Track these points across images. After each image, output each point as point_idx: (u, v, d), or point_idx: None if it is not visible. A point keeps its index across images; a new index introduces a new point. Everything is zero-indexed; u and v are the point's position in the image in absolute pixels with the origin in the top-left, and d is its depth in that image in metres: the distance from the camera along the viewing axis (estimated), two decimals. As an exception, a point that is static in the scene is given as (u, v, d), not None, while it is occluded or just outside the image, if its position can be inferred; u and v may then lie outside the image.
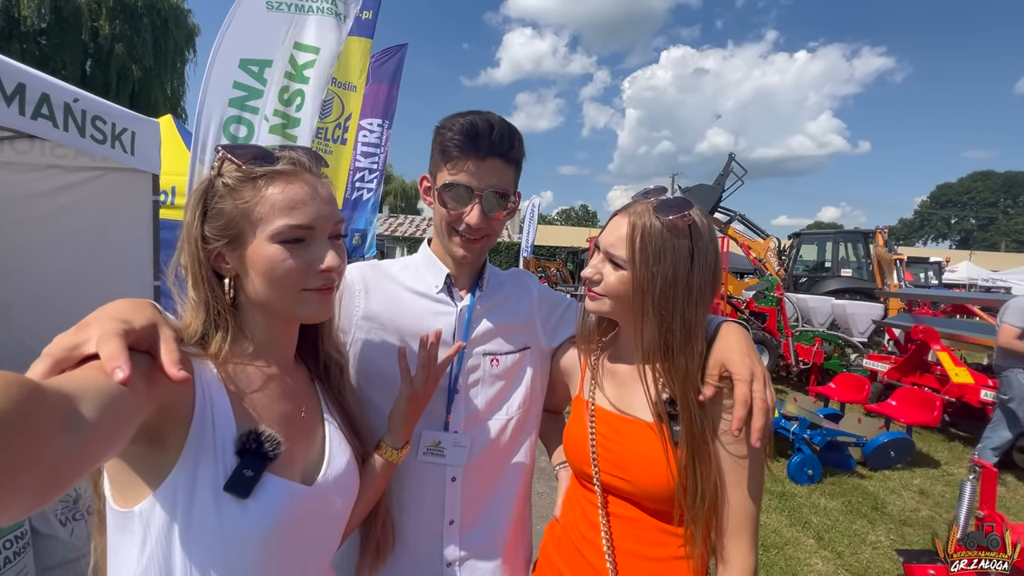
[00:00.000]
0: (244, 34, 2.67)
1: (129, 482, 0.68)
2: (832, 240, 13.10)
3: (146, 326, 0.65)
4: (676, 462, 0.94)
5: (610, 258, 1.01)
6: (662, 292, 0.96)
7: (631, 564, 1.00)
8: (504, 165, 1.05)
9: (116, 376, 0.55)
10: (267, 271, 0.76)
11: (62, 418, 0.47)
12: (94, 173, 2.79)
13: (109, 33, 17.48)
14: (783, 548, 3.47)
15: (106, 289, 2.67)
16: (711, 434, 0.96)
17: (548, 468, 1.32)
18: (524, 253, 14.81)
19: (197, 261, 0.78)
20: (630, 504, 1.01)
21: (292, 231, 0.76)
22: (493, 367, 1.14)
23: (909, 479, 4.71)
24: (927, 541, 3.60)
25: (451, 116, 1.04)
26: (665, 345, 0.97)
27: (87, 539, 1.98)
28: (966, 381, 5.49)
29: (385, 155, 6.04)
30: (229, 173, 0.78)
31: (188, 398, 0.70)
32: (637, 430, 1.00)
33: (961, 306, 8.13)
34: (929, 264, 17.55)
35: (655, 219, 0.97)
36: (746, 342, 0.99)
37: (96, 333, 0.59)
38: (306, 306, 0.80)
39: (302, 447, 0.82)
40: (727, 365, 0.94)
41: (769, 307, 8.41)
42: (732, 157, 12.68)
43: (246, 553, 0.70)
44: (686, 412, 0.95)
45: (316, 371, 0.95)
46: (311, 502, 0.78)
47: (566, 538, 1.10)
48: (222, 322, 0.78)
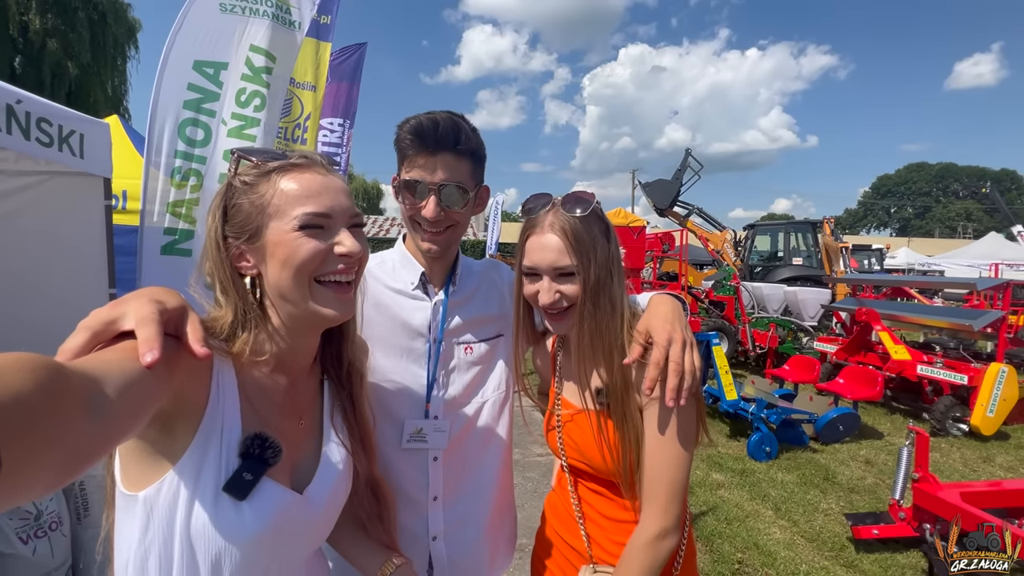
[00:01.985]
0: (197, 35, 2.61)
1: (137, 465, 0.70)
2: (784, 231, 13.73)
3: (177, 308, 0.66)
4: (612, 443, 1.05)
5: (559, 273, 1.04)
6: (601, 280, 1.03)
7: (603, 530, 1.12)
8: (455, 158, 1.09)
9: (145, 359, 0.56)
10: (286, 256, 0.75)
11: (85, 401, 0.48)
12: (39, 177, 2.66)
13: (40, 28, 16.34)
14: (744, 520, 3.69)
15: (58, 298, 2.56)
16: (639, 407, 1.04)
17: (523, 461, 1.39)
18: (489, 251, 14.86)
19: (221, 265, 0.78)
20: (594, 482, 1.13)
21: (311, 218, 0.76)
22: (467, 355, 1.21)
23: (856, 451, 5.06)
24: (872, 505, 3.89)
25: (405, 119, 1.10)
26: (597, 327, 1.04)
27: (51, 556, 1.93)
28: (904, 358, 5.93)
29: (347, 155, 5.95)
30: (245, 171, 0.80)
31: (203, 390, 0.72)
32: (583, 417, 1.11)
33: (900, 289, 8.73)
34: (872, 251, 18.63)
35: (572, 218, 1.03)
36: (672, 310, 1.03)
37: (133, 311, 0.60)
38: (321, 302, 0.78)
39: (296, 454, 0.85)
40: (650, 332, 1.00)
41: (727, 296, 8.79)
42: (689, 152, 13.12)
43: (233, 552, 0.72)
44: (613, 391, 1.04)
45: (337, 378, 0.94)
46: (300, 509, 0.80)
47: (560, 505, 1.21)
48: (249, 323, 0.78)
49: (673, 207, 12.68)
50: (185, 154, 2.57)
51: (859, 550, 3.29)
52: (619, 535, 1.08)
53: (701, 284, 11.04)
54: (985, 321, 5.81)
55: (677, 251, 9.84)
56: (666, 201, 12.59)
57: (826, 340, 7.48)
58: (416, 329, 1.18)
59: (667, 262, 11.32)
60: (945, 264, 20.91)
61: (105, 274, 2.74)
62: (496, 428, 1.25)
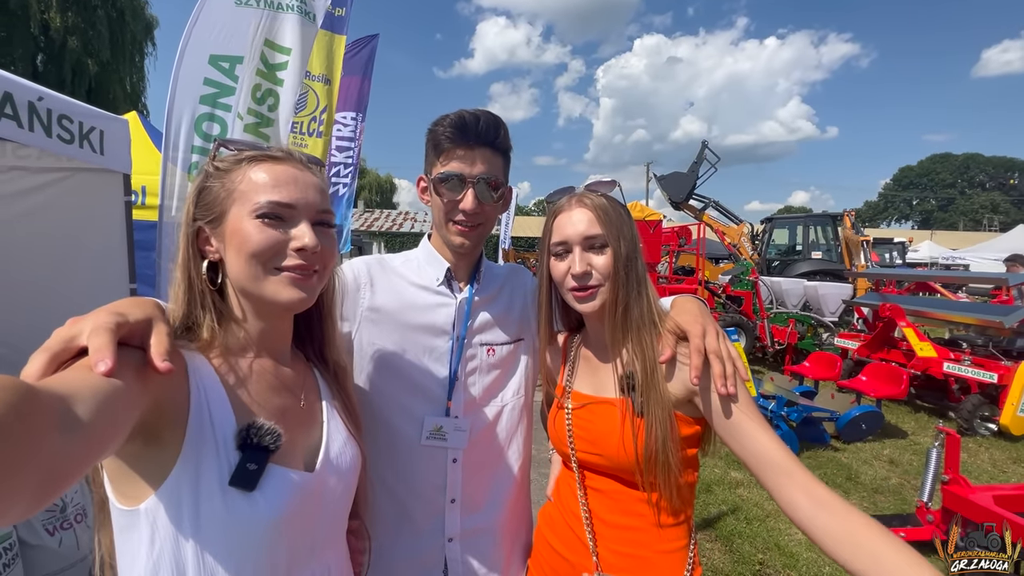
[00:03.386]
0: (213, 29, 2.60)
1: (129, 481, 0.68)
2: (802, 224, 13.47)
3: (141, 320, 0.65)
4: (636, 430, 1.00)
5: (591, 245, 1.05)
6: (629, 255, 1.05)
7: (610, 534, 1.06)
8: (492, 153, 1.12)
9: (98, 368, 0.55)
10: (240, 244, 0.75)
11: (56, 419, 0.47)
12: (61, 174, 2.69)
13: (61, 26, 16.63)
14: (765, 520, 3.62)
15: (81, 293, 2.59)
16: (670, 399, 1.01)
17: (540, 456, 1.37)
18: (503, 245, 14.83)
19: (185, 241, 0.79)
20: (606, 477, 1.08)
21: (271, 207, 0.76)
22: (489, 356, 1.19)
23: (879, 450, 4.94)
24: (898, 506, 3.80)
25: (441, 116, 1.12)
26: (626, 307, 1.04)
27: (77, 547, 1.96)
28: (930, 355, 5.78)
29: (359, 149, 5.94)
30: (222, 159, 0.81)
31: (183, 393, 0.70)
32: (606, 408, 1.07)
33: (924, 284, 8.49)
34: (893, 245, 18.20)
35: (598, 195, 1.09)
36: (699, 307, 1.07)
37: (89, 326, 0.59)
38: (277, 288, 0.77)
39: (302, 435, 0.84)
40: (681, 325, 1.02)
41: (745, 291, 8.65)
42: (705, 144, 12.88)
43: (255, 543, 0.71)
44: (643, 376, 1.01)
45: (325, 373, 0.96)
46: (314, 487, 0.79)
47: (557, 515, 1.16)
48: (206, 304, 0.77)
49: (689, 200, 12.50)
50: (202, 149, 2.57)
51: (884, 552, 3.21)
52: (626, 545, 1.04)
53: (718, 279, 10.89)
54: (1017, 317, 5.62)
55: (694, 245, 9.70)
56: (682, 194, 12.40)
57: (847, 336, 7.32)
58: (440, 326, 1.17)
59: (683, 256, 11.19)
60: (970, 258, 20.32)
61: (126, 269, 2.77)
62: (515, 434, 1.23)
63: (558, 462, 1.26)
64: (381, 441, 1.12)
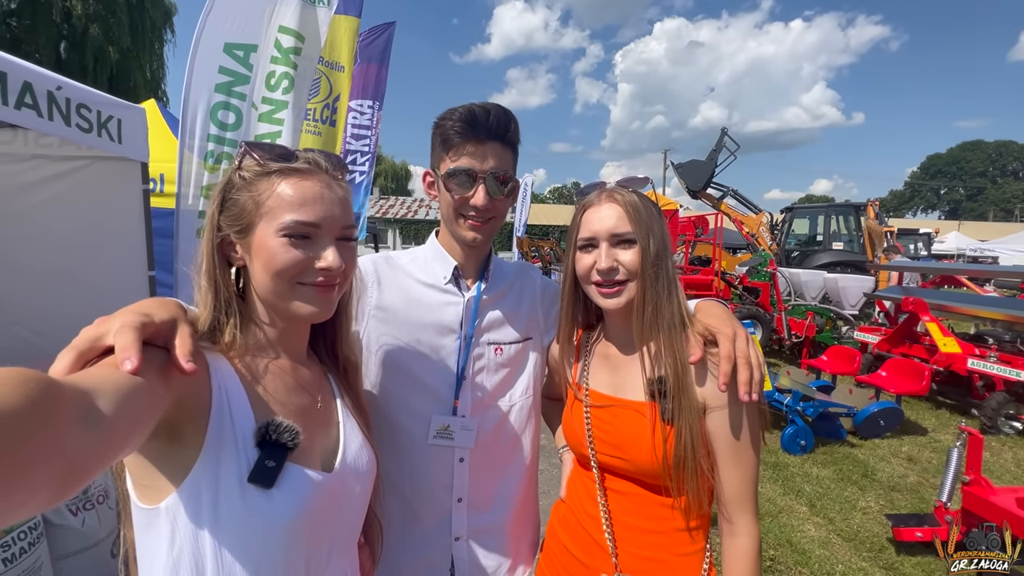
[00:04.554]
0: (227, 17, 2.60)
1: (151, 479, 0.69)
2: (824, 214, 13.14)
3: (166, 321, 0.67)
4: (666, 437, 0.98)
5: (618, 241, 1.03)
6: (659, 253, 1.03)
7: (630, 537, 1.04)
8: (503, 148, 1.10)
9: (124, 367, 0.56)
10: (267, 261, 0.78)
11: (79, 414, 0.48)
12: (82, 162, 2.73)
13: (82, 13, 16.84)
14: (777, 516, 3.59)
15: (101, 279, 2.65)
16: (700, 405, 0.99)
17: (549, 446, 1.36)
18: (517, 232, 14.75)
19: (210, 247, 0.80)
20: (628, 481, 1.05)
21: (297, 227, 0.78)
22: (497, 356, 1.18)
23: (898, 447, 4.85)
24: (915, 506, 3.73)
25: (448, 109, 1.10)
26: (656, 306, 1.02)
27: (99, 527, 2.02)
28: (954, 351, 5.61)
29: (376, 137, 5.94)
30: (248, 167, 0.81)
31: (205, 392, 0.71)
32: (630, 411, 1.04)
33: (950, 277, 8.24)
34: (919, 235, 17.68)
35: (630, 194, 1.06)
36: (725, 311, 1.05)
37: (116, 325, 0.61)
38: (302, 300, 0.80)
39: (320, 435, 0.85)
40: (710, 328, 0.99)
41: (762, 282, 8.49)
42: (725, 132, 12.59)
43: (274, 541, 0.72)
44: (675, 381, 0.98)
45: (335, 370, 0.97)
46: (332, 487, 0.80)
47: (571, 516, 1.14)
48: (231, 311, 0.79)
49: (707, 189, 12.27)
50: (218, 138, 2.58)
51: (900, 552, 3.16)
52: (645, 548, 1.02)
53: (735, 269, 10.70)
54: (1047, 313, 5.43)
55: (710, 235, 9.53)
56: (700, 183, 12.18)
57: (867, 330, 7.14)
58: (447, 325, 1.15)
59: (700, 246, 11.01)
60: (1000, 250, 19.68)
61: (144, 256, 2.82)
62: (523, 434, 1.22)
63: (569, 462, 1.23)
64: (387, 440, 1.12)
